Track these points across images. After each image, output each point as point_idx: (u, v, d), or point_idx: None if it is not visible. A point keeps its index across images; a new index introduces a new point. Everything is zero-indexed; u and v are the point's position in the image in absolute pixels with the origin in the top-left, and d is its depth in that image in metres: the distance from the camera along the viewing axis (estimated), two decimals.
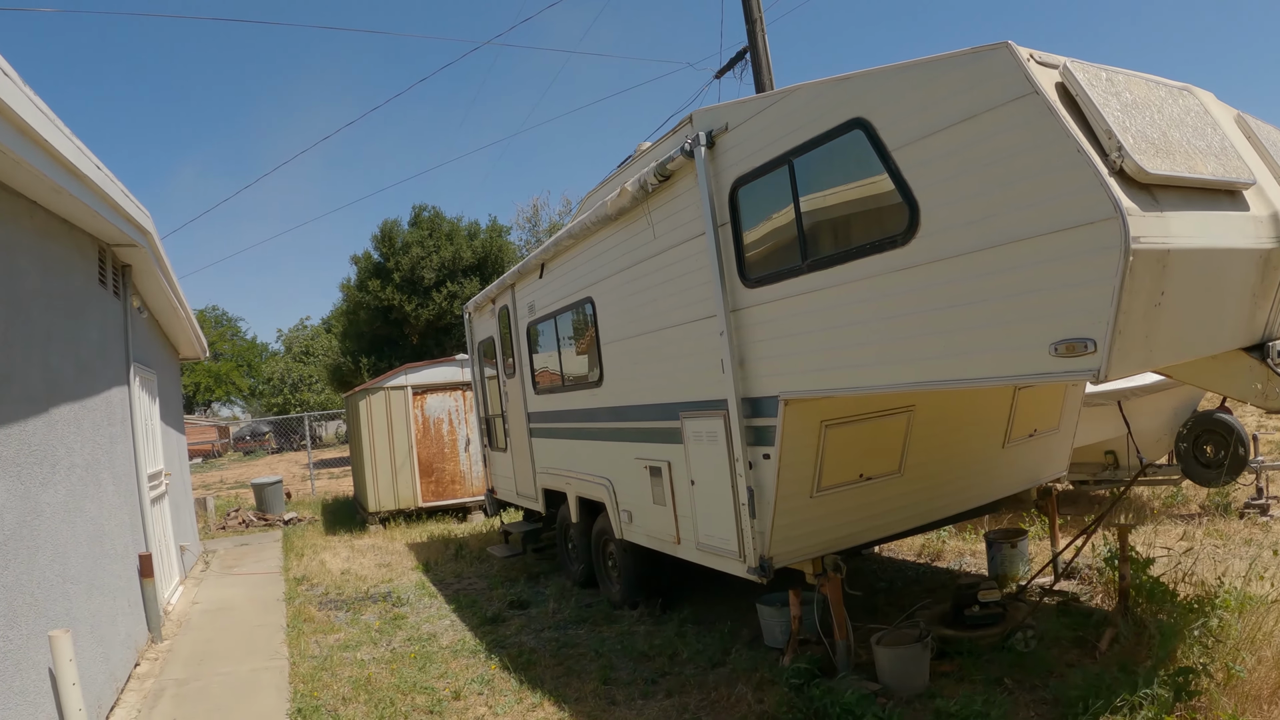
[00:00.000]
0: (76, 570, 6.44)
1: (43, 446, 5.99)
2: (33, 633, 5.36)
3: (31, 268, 6.08)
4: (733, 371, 6.10)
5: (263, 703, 6.92)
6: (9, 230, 5.70)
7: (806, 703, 5.63)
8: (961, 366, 4.36)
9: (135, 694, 7.31)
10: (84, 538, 6.76)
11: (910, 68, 4.41)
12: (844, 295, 5.02)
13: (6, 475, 5.27)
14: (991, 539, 8.35)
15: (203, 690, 7.31)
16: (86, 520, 6.89)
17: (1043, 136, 3.81)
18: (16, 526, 5.31)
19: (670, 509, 7.33)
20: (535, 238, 52.27)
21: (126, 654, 7.67)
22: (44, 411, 6.09)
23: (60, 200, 6.27)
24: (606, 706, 6.34)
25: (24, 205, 6.03)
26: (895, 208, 4.57)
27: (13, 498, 5.31)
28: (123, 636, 7.59)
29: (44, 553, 5.77)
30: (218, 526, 18.39)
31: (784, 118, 5.37)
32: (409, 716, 6.44)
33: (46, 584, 5.74)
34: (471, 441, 16.75)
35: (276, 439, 54.12)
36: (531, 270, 9.99)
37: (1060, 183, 3.77)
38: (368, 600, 10.49)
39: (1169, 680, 5.10)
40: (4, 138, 4.75)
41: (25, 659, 5.19)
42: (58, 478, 6.27)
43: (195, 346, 14.95)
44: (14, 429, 5.46)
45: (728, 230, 6.06)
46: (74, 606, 6.26)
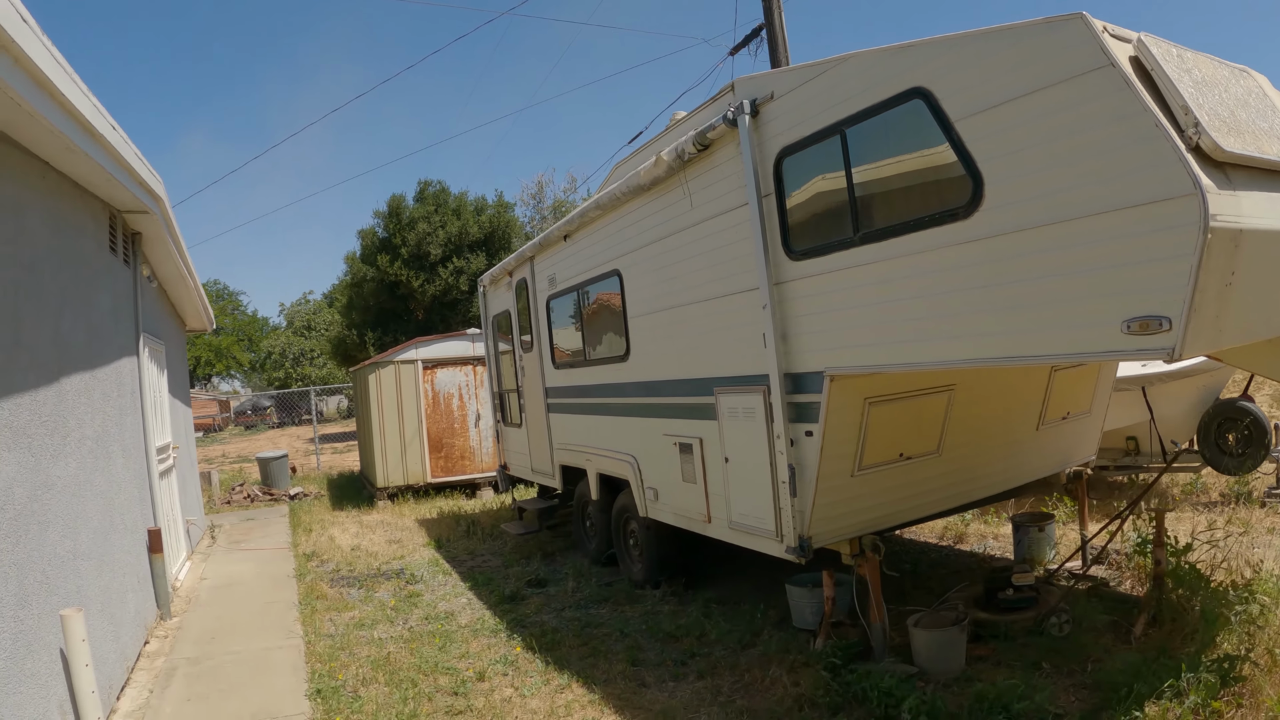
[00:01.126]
0: (87, 546, 6.20)
1: (54, 417, 5.74)
2: (44, 611, 5.12)
3: (42, 230, 5.80)
4: (775, 346, 5.89)
5: (279, 682, 6.70)
6: (20, 190, 5.42)
7: (843, 686, 5.52)
8: (1026, 343, 4.21)
9: (146, 673, 7.09)
10: (94, 512, 6.52)
11: (976, 37, 4.26)
12: (899, 268, 4.83)
13: (17, 446, 5.01)
14: (1018, 522, 8.23)
15: (216, 669, 7.08)
16: (96, 494, 6.65)
17: (1118, 111, 3.68)
18: (27, 501, 5.06)
19: (701, 487, 7.13)
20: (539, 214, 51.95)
21: (136, 632, 7.44)
22: (55, 381, 5.83)
23: (73, 161, 5.99)
24: (636, 688, 6.18)
25: (36, 166, 5.76)
26: (957, 180, 4.42)
27: (23, 470, 5.06)
28: (132, 614, 7.36)
29: (55, 528, 5.52)
30: (222, 501, 18.17)
31: (836, 86, 5.16)
32: (432, 698, 6.23)
33: (57, 560, 5.50)
34: (482, 417, 16.51)
35: (278, 413, 53.91)
36: (553, 242, 9.73)
37: (1136, 158, 3.64)
38: (380, 577, 10.28)
39: (1213, 666, 5.01)
40: (20, 88, 4.45)
41: (37, 639, 4.95)
42: (68, 450, 6.02)
43: (202, 318, 14.69)
44: (25, 398, 5.19)
45: (771, 201, 5.84)
46: (85, 584, 6.03)
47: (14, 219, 5.26)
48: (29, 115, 4.76)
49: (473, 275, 32.97)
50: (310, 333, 61.63)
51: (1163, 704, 4.76)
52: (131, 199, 7.50)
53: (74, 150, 5.64)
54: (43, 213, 5.84)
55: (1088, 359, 4.17)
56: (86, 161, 6.00)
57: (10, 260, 5.16)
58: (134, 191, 7.26)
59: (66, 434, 6.00)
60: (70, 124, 5.34)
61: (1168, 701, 4.77)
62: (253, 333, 64.34)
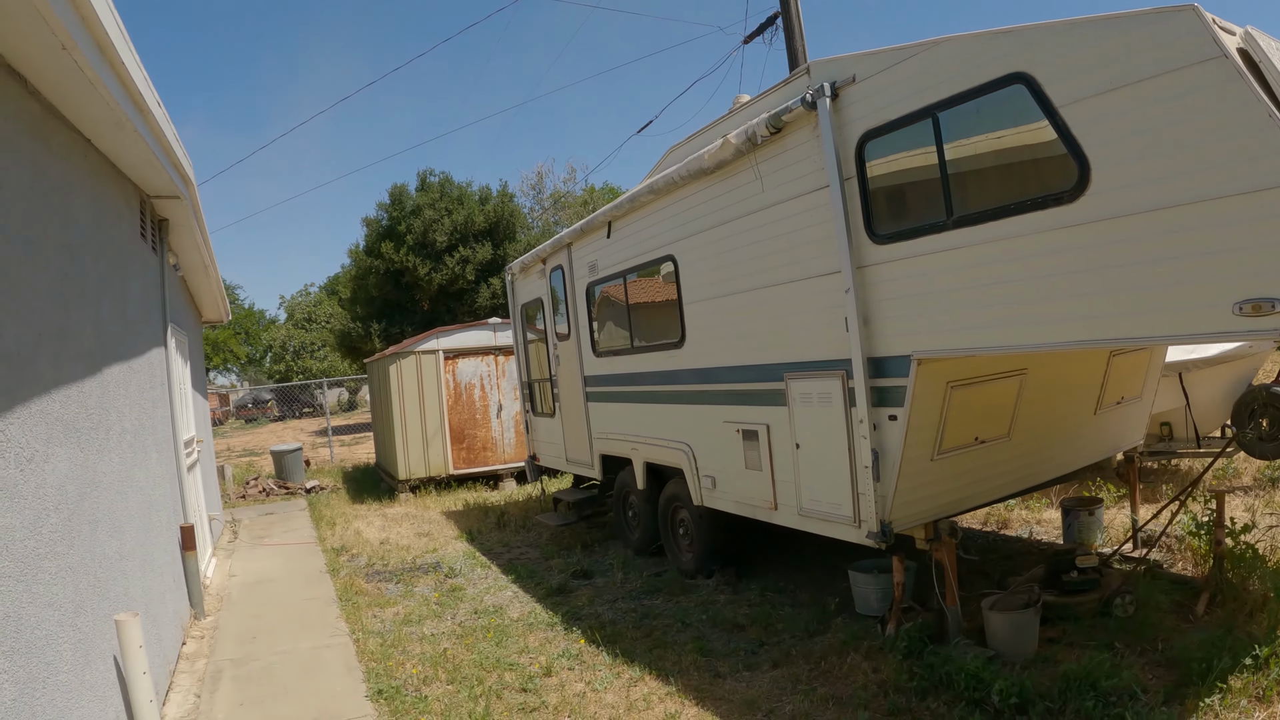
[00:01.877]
0: (132, 545, 5.95)
1: (98, 410, 5.47)
2: (98, 617, 4.85)
3: (86, 214, 5.52)
4: (858, 330, 5.75)
5: (335, 684, 6.45)
6: (67, 171, 5.13)
7: (926, 670, 5.46)
8: (1133, 325, 4.23)
9: (188, 676, 6.83)
10: (135, 510, 6.26)
11: (1082, 24, 4.25)
12: (997, 251, 4.80)
13: (68, 441, 4.73)
14: (1068, 507, 8.23)
15: (265, 671, 6.82)
16: (137, 491, 6.40)
17: (1230, 101, 3.71)
18: (78, 500, 4.78)
19: (767, 474, 6.98)
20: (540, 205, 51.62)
21: (174, 633, 7.19)
22: (98, 372, 5.55)
23: (119, 139, 5.69)
24: (712, 679, 6.02)
25: (79, 144, 5.47)
26: (1060, 164, 4.42)
27: (75, 467, 4.79)
28: (170, 615, 7.11)
29: (103, 527, 5.25)
30: (237, 495, 17.91)
31: (928, 70, 5.07)
32: (501, 695, 6.02)
33: (106, 562, 5.23)
34: (504, 407, 16.24)
35: (279, 406, 53.57)
36: (596, 229, 9.51)
37: (1250, 147, 3.67)
38: (416, 571, 10.03)
39: None
40: (86, 51, 4.15)
41: (94, 648, 4.68)
42: (111, 444, 5.75)
43: (219, 309, 14.40)
44: (73, 390, 4.91)
45: (853, 184, 5.71)
46: (130, 585, 5.77)
47: (62, 202, 4.98)
48: (89, 84, 4.46)
49: (479, 265, 32.68)
50: (311, 325, 61.24)
51: (1245, 677, 4.88)
52: (166, 183, 7.21)
53: (123, 126, 5.34)
54: (86, 196, 5.56)
55: (1197, 340, 4.26)
56: (134, 140, 5.71)
57: (60, 247, 4.88)
58: (170, 175, 6.96)
59: (109, 428, 5.73)
60: (124, 96, 5.04)
61: (1249, 675, 4.89)
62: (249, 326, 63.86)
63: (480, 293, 32.78)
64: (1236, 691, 4.79)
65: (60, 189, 4.94)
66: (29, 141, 4.44)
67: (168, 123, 6.25)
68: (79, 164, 5.44)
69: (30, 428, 4.11)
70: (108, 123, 5.29)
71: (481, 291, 32.78)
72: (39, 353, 4.32)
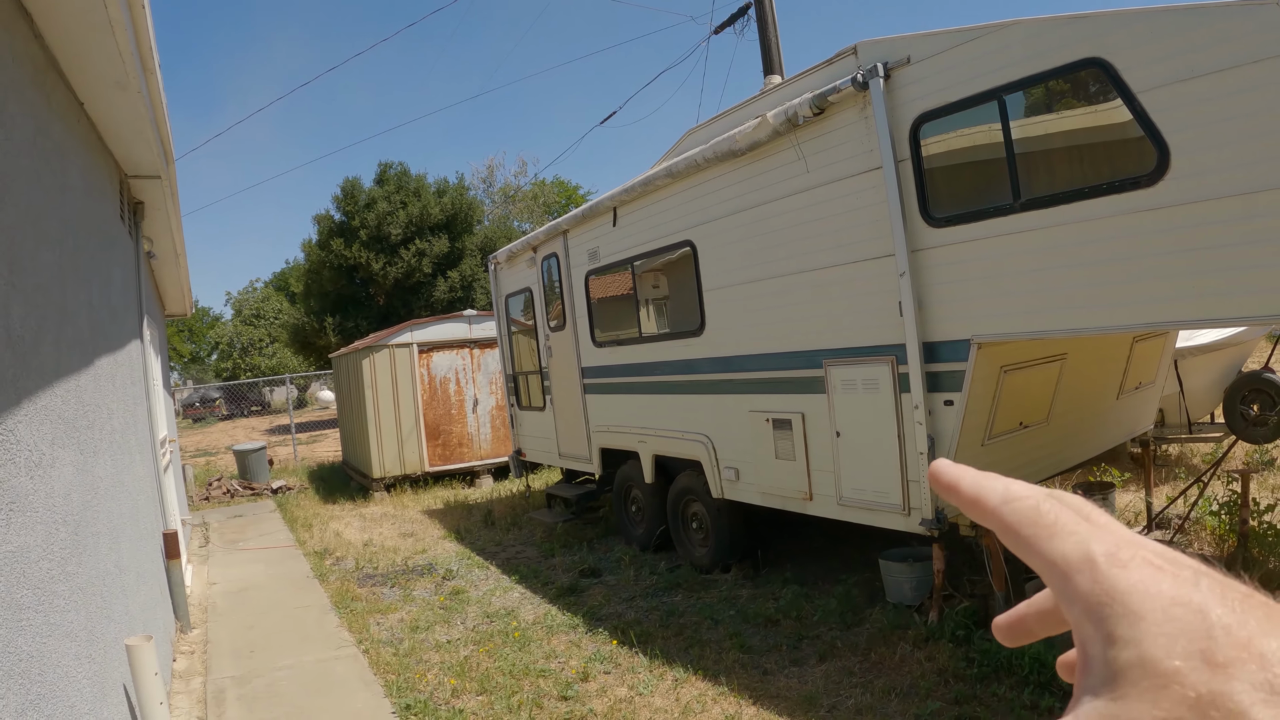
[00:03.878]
0: (128, 557, 5.48)
1: (93, 405, 4.97)
2: (109, 642, 4.38)
3: (78, 184, 4.99)
4: (914, 315, 5.59)
5: (356, 701, 6.05)
6: (64, 136, 4.63)
7: (983, 656, 5.40)
8: (1215, 306, 4.26)
9: (185, 697, 6.37)
10: (127, 517, 5.79)
11: (1161, 13, 4.25)
12: (1071, 234, 4.75)
13: (70, 442, 4.24)
14: (1082, 491, 7.99)
15: (271, 689, 6.39)
16: (127, 495, 5.93)
17: None
18: (83, 510, 4.30)
19: (801, 464, 6.76)
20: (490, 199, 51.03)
21: (165, 650, 6.68)
22: (91, 364, 5.05)
23: (118, 102, 5.18)
24: (760, 676, 5.81)
25: (73, 106, 4.96)
26: (1138, 149, 4.42)
27: (78, 472, 4.31)
28: (160, 630, 6.60)
29: (104, 539, 4.77)
30: (200, 497, 17.28)
31: (994, 53, 4.99)
32: (542, 704, 5.71)
33: (108, 577, 4.75)
34: (480, 402, 15.79)
35: (227, 405, 52.36)
36: (598, 215, 9.19)
37: None
38: (411, 574, 9.62)
39: None
40: None
41: (107, 679, 4.22)
42: (104, 445, 5.25)
43: (184, 301, 13.80)
44: (70, 384, 4.41)
45: (907, 167, 5.58)
46: (130, 602, 5.30)
47: (61, 168, 4.46)
48: (107, 26, 3.97)
49: (436, 258, 32.16)
50: (259, 321, 60.00)
51: None
52: (150, 159, 6.68)
53: (127, 86, 4.85)
54: (79, 166, 5.03)
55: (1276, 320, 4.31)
56: (133, 103, 5.21)
57: (60, 218, 4.36)
58: (158, 148, 6.43)
59: (102, 426, 5.22)
60: (135, 50, 4.54)
61: None
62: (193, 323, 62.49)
63: (438, 286, 32.26)
64: None
65: (59, 152, 4.44)
66: (32, 93, 3.95)
67: (162, 88, 5.75)
68: (73, 128, 4.93)
69: (37, 427, 3.63)
70: (108, 81, 4.78)
71: (439, 284, 32.26)
72: (42, 338, 3.82)
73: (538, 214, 48.71)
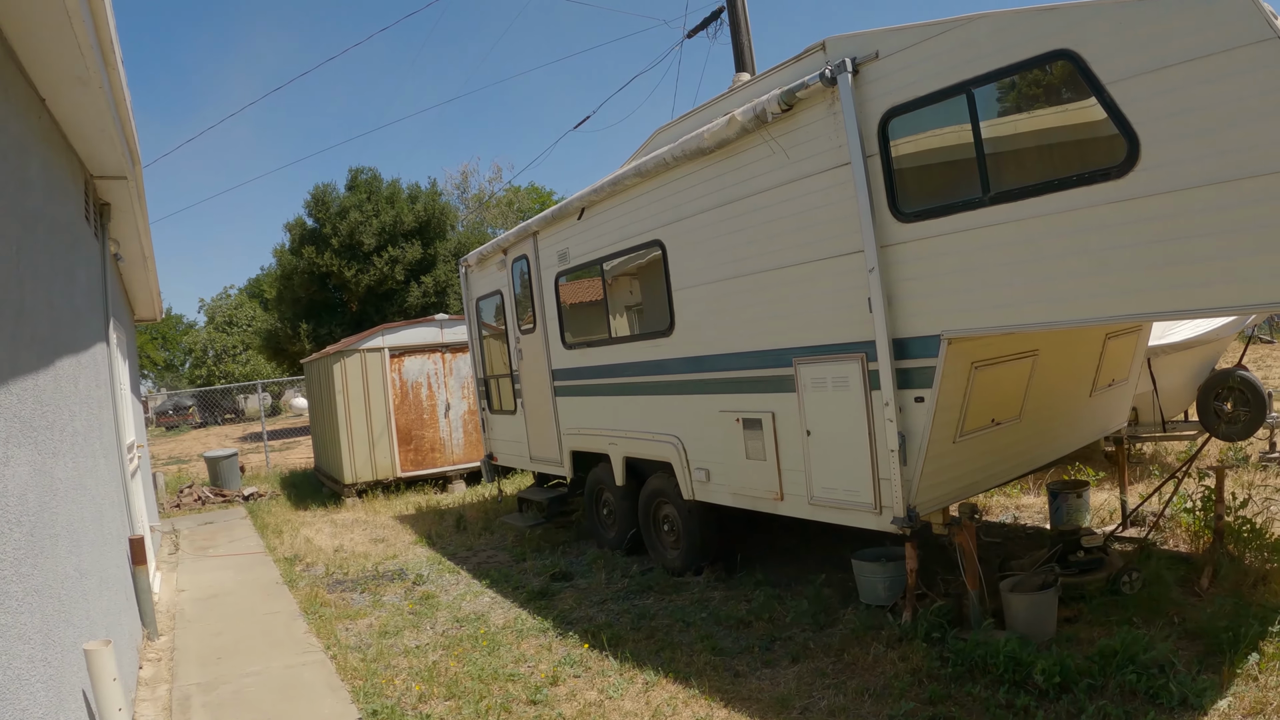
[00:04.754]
0: (89, 562, 5.36)
1: (53, 406, 4.86)
2: (66, 647, 4.27)
3: (40, 182, 4.89)
4: (883, 311, 5.57)
5: (321, 707, 5.96)
6: (24, 130, 4.53)
7: (957, 655, 5.36)
8: (1187, 297, 4.25)
9: (150, 705, 6.26)
10: (90, 520, 5.68)
11: (1131, 3, 4.24)
12: (1040, 227, 4.75)
13: (26, 442, 4.14)
14: (1055, 490, 8.19)
15: (238, 696, 6.29)
16: (90, 499, 5.80)
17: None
18: (39, 511, 4.19)
19: (772, 463, 6.72)
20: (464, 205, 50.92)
21: (131, 657, 6.58)
22: (51, 364, 4.94)
23: (80, 98, 5.08)
24: (732, 679, 5.75)
25: (35, 102, 4.87)
26: (1107, 140, 4.42)
27: (35, 473, 4.21)
28: (126, 637, 6.50)
29: (63, 542, 4.67)
30: (172, 504, 17.09)
31: (962, 46, 4.98)
32: (510, 709, 5.62)
33: (68, 582, 4.63)
34: (452, 407, 15.72)
35: (201, 413, 51.92)
36: (568, 215, 9.14)
37: None
38: (381, 579, 9.52)
39: None
40: None
41: (64, 683, 4.11)
42: (64, 447, 5.13)
43: (153, 306, 13.62)
44: (29, 382, 4.31)
45: (876, 162, 5.56)
46: (92, 607, 5.18)
47: (20, 163, 4.37)
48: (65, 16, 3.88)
49: (409, 265, 32.05)
50: (233, 328, 59.55)
51: (1276, 642, 5.05)
52: (115, 159, 6.58)
53: (88, 82, 4.75)
54: (39, 163, 4.93)
55: (1252, 310, 4.31)
56: (95, 100, 5.11)
57: (17, 214, 4.26)
58: (122, 148, 6.34)
59: (62, 428, 5.11)
60: (95, 42, 4.46)
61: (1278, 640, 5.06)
62: (166, 331, 61.88)
63: (410, 292, 32.15)
64: (1270, 656, 4.92)
65: (17, 148, 4.34)
66: None
67: (126, 86, 5.67)
68: (34, 124, 4.82)
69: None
70: (69, 76, 4.69)
71: (412, 290, 32.15)
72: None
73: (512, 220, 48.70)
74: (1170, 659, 4.91)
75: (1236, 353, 10.18)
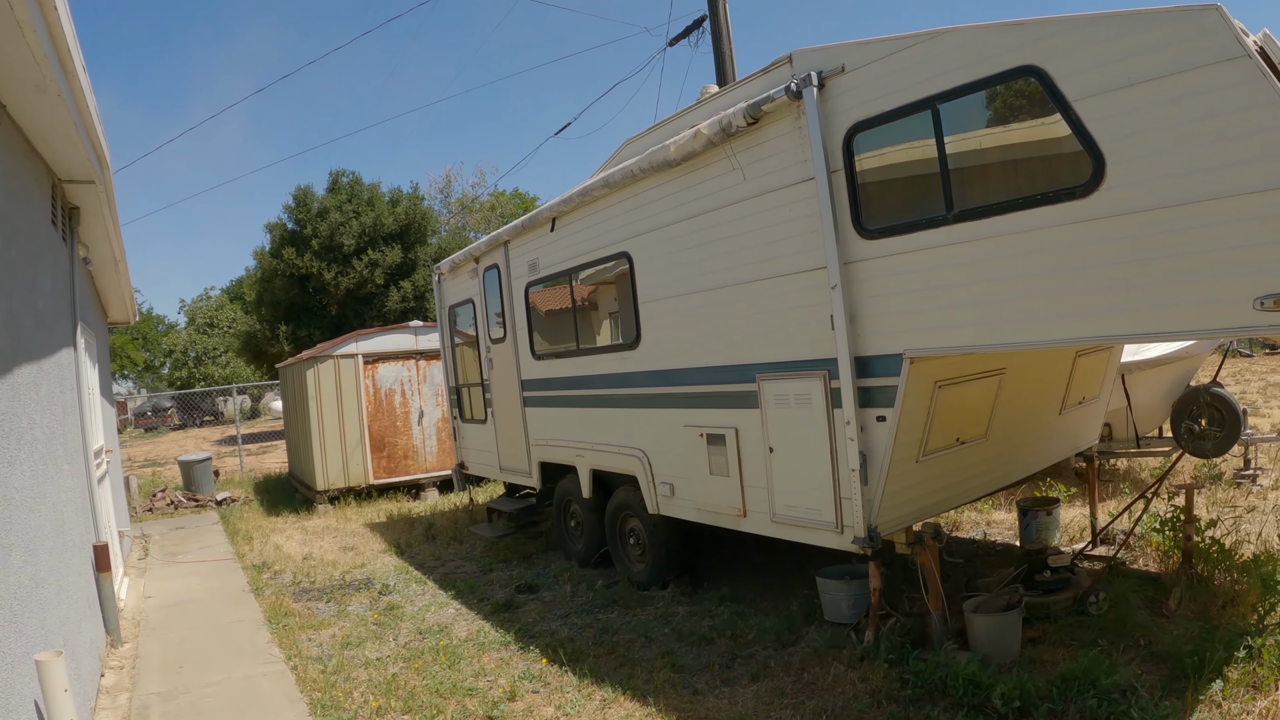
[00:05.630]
0: (47, 570, 5.31)
1: (8, 414, 4.81)
2: (16, 658, 4.24)
3: None
4: (845, 328, 5.54)
5: (279, 719, 5.88)
6: None
7: (917, 676, 5.29)
8: (1150, 320, 4.21)
9: (110, 713, 6.21)
10: (49, 528, 5.62)
11: (1099, 19, 4.23)
12: (1003, 246, 4.70)
13: None
14: (1025, 507, 8.18)
15: (197, 705, 6.26)
16: (49, 507, 5.75)
17: (1253, 99, 3.75)
18: None
19: (735, 480, 6.70)
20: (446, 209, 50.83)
21: (92, 665, 6.53)
22: (8, 371, 4.90)
23: (39, 105, 5.05)
24: (690, 697, 5.70)
25: None
26: (1073, 159, 4.38)
27: None
28: (87, 645, 6.44)
29: (17, 552, 4.62)
30: (144, 508, 16.96)
31: (928, 61, 4.94)
32: None
33: (22, 592, 4.59)
34: (425, 414, 15.68)
35: (180, 415, 51.63)
36: (538, 225, 9.11)
37: (1271, 144, 3.71)
38: (347, 589, 9.48)
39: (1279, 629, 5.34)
40: None
41: (14, 694, 4.07)
42: (22, 455, 5.09)
43: (126, 309, 13.54)
44: None
45: (840, 178, 5.52)
46: (48, 617, 5.13)
47: None
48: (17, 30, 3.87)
49: (389, 269, 32.00)
50: (213, 330, 59.28)
51: (1240, 668, 4.98)
52: (81, 164, 6.54)
53: (45, 90, 4.72)
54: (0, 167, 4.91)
55: (1216, 335, 4.39)
56: (55, 108, 5.07)
57: None
58: (88, 153, 6.30)
59: (20, 436, 5.07)
60: (52, 52, 4.43)
61: (1244, 665, 5.00)
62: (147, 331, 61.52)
63: (390, 296, 32.10)
64: (1234, 682, 4.86)
65: None
66: None
67: (90, 93, 5.64)
68: None
69: None
70: (27, 84, 4.67)
71: (391, 295, 32.09)
72: None
73: (495, 225, 48.62)
74: (1133, 683, 4.89)
75: (1213, 367, 10.23)
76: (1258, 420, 14.33)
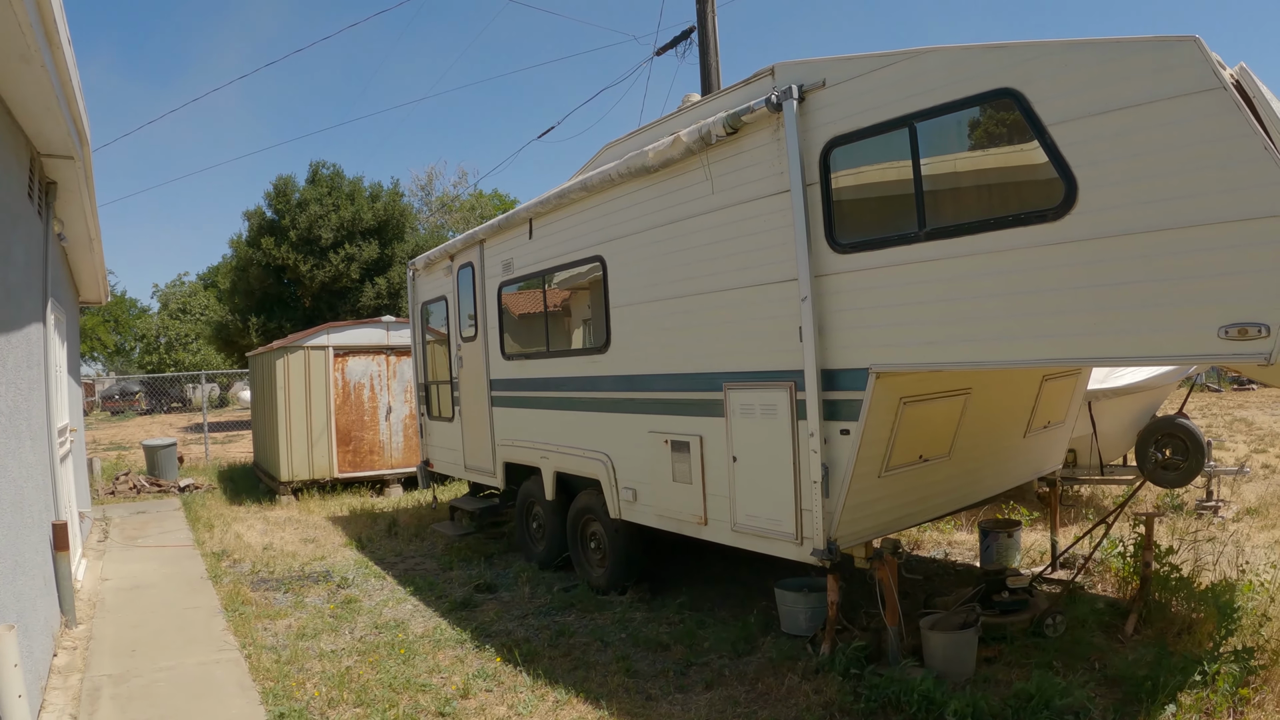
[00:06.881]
0: (2, 546, 5.27)
1: None
2: None
3: None
4: (813, 341, 5.58)
5: (229, 706, 5.89)
6: None
7: (872, 691, 5.32)
8: (1116, 344, 4.27)
9: (61, 693, 6.15)
10: (7, 502, 5.58)
11: (1079, 46, 4.29)
12: (973, 266, 4.76)
13: None
14: (987, 529, 8.20)
15: (148, 689, 6.22)
16: (9, 481, 5.70)
17: (1226, 131, 3.81)
18: None
19: (698, 487, 6.73)
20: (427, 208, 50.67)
21: (45, 644, 6.48)
22: None
23: (23, 75, 5.02)
24: (643, 702, 5.72)
25: None
26: (1046, 182, 4.44)
27: None
28: (41, 623, 6.39)
29: None
30: (106, 491, 16.81)
31: (909, 79, 5.00)
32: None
33: None
34: (393, 410, 15.63)
35: (148, 400, 51.13)
36: (514, 225, 9.12)
37: (1242, 176, 3.78)
38: (306, 580, 9.44)
39: (1233, 657, 5.38)
40: None
41: None
42: None
43: (99, 288, 13.44)
44: None
45: (815, 191, 5.58)
46: (2, 592, 5.09)
47: None
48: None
49: (365, 264, 31.88)
50: (186, 316, 58.79)
51: (1194, 694, 5.02)
52: (62, 138, 6.51)
53: (30, 59, 4.71)
54: None
55: (1181, 361, 4.40)
56: (38, 78, 5.06)
57: None
58: (69, 128, 6.27)
59: None
60: (38, 21, 4.42)
61: (1198, 692, 5.03)
62: (120, 314, 60.91)
63: (365, 291, 31.98)
64: (1187, 708, 4.90)
65: None
66: None
67: (75, 67, 5.62)
68: None
69: None
70: (12, 54, 4.65)
71: (366, 290, 31.98)
72: None
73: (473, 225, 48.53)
74: (1086, 705, 4.93)
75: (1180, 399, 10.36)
76: (1221, 454, 14.52)
